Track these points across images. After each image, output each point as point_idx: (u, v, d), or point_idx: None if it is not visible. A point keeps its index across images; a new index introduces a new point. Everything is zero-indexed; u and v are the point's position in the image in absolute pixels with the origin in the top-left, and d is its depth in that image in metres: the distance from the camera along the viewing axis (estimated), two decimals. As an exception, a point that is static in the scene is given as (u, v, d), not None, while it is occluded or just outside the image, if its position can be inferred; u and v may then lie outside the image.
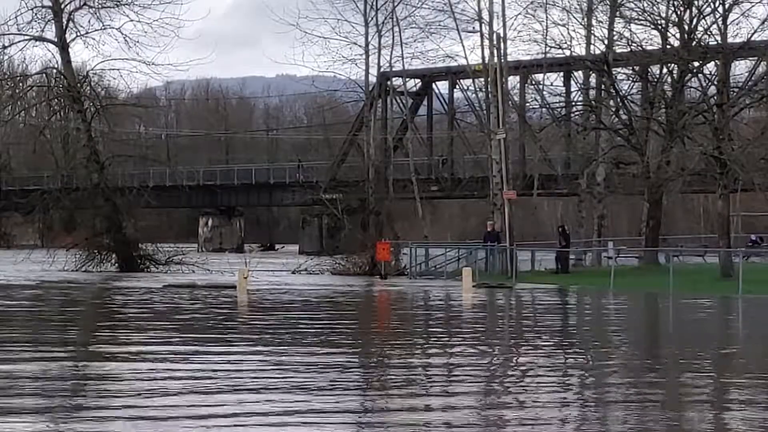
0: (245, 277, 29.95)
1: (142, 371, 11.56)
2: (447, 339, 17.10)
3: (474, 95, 59.53)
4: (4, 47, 46.44)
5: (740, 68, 45.72)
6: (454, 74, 65.84)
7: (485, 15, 45.77)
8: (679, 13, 39.52)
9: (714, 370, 13.75)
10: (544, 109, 52.90)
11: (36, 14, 44.62)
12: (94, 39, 46.50)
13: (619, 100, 42.09)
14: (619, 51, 43.48)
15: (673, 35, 40.11)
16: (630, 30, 42.01)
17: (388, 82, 65.81)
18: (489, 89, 45.79)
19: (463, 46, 72.48)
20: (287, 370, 11.61)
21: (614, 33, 43.74)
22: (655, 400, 10.76)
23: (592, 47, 46.11)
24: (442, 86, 73.37)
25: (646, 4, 40.90)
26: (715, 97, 38.10)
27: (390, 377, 11.50)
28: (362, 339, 16.42)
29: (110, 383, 10.68)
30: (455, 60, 53.14)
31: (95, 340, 15.35)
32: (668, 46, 40.36)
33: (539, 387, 11.34)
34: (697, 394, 11.44)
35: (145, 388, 10.36)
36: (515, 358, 14.47)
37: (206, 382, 10.81)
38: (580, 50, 46.45)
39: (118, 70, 55.70)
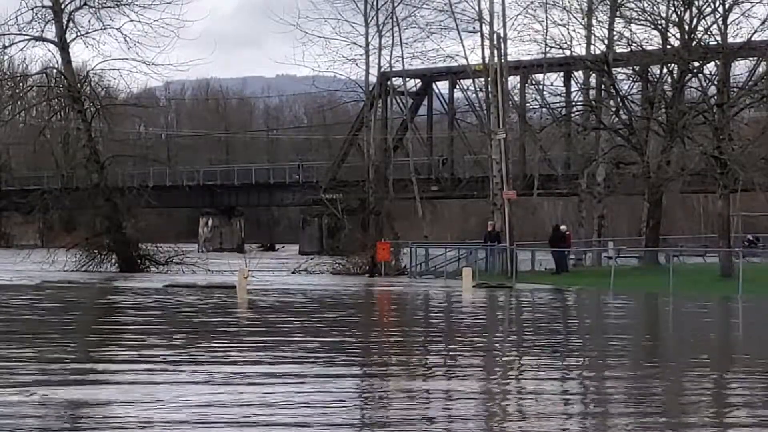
0: (245, 278, 29.92)
1: (148, 395, 10.58)
2: (448, 351, 16.86)
3: (474, 95, 59.60)
4: (5, 47, 46.45)
5: (740, 68, 45.80)
6: (454, 74, 65.82)
7: (485, 15, 45.84)
8: (679, 13, 39.51)
9: (717, 372, 13.74)
10: (544, 109, 52.91)
11: (36, 14, 44.65)
12: (94, 39, 46.53)
13: (619, 100, 42.07)
14: (619, 51, 43.47)
15: (674, 35, 40.13)
16: (630, 30, 42.05)
17: (389, 82, 65.79)
18: (489, 89, 45.80)
19: (464, 46, 72.31)
20: (288, 404, 10.35)
21: (614, 33, 43.75)
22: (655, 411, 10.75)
23: (592, 47, 46.13)
24: (442, 86, 73.38)
25: (646, 4, 40.94)
26: (716, 97, 38.09)
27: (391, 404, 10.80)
28: (362, 350, 15.83)
29: (114, 412, 9.79)
30: (455, 60, 53.16)
31: (98, 355, 14.46)
32: (668, 46, 40.35)
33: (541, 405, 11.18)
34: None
35: (150, 419, 9.48)
36: (516, 371, 14.38)
37: (217, 411, 9.86)
38: (580, 50, 46.50)
39: (118, 70, 55.78)
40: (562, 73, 57.09)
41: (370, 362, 14.22)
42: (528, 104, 56.74)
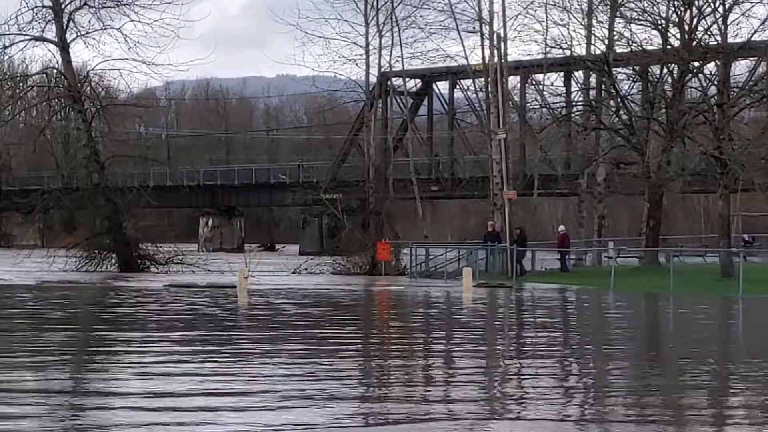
0: (246, 278, 29.91)
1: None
2: (449, 361, 16.77)
3: (474, 95, 59.63)
4: (5, 47, 46.43)
5: (740, 68, 45.84)
6: (454, 74, 65.81)
7: (485, 15, 45.89)
8: (679, 13, 39.52)
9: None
10: (544, 109, 52.93)
11: (36, 14, 44.63)
12: (94, 39, 46.52)
13: (619, 100, 42.09)
14: (619, 51, 43.49)
15: (674, 35, 40.14)
16: (630, 30, 42.09)
17: (389, 82, 65.81)
18: (489, 89, 45.80)
19: (464, 47, 72.29)
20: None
21: (614, 33, 43.78)
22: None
23: (592, 47, 46.17)
24: (442, 86, 73.36)
25: (646, 4, 40.95)
26: (716, 97, 38.10)
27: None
28: (363, 359, 14.87)
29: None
30: (455, 60, 53.16)
31: (98, 371, 12.86)
32: (668, 46, 40.37)
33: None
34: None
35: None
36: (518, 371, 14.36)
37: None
38: (580, 50, 46.54)
39: (118, 70, 55.65)
40: (562, 73, 57.11)
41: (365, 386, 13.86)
42: (528, 104, 56.76)
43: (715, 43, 38.42)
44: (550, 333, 19.47)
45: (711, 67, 39.68)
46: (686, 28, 39.01)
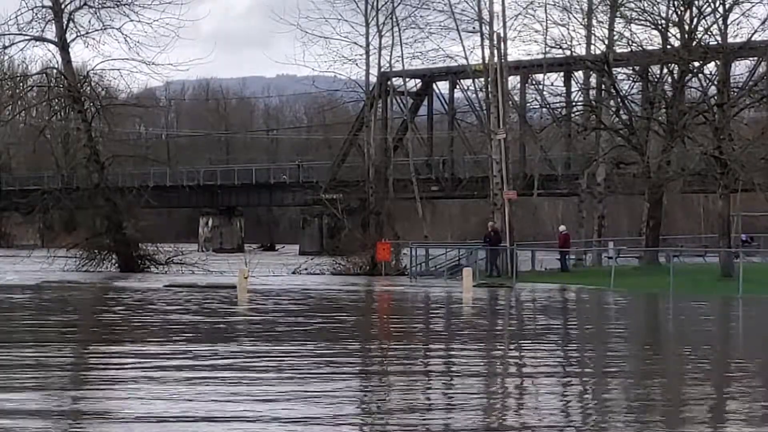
0: (245, 278, 29.90)
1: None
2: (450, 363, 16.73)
3: (474, 95, 59.61)
4: (5, 47, 46.41)
5: (740, 68, 45.86)
6: (454, 74, 65.80)
7: (485, 15, 45.85)
8: (679, 13, 39.54)
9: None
10: (544, 109, 52.90)
11: (36, 14, 44.60)
12: (94, 39, 46.43)
13: (619, 100, 42.09)
14: (619, 51, 43.50)
15: (674, 35, 40.16)
16: (630, 30, 42.12)
17: (389, 82, 65.78)
18: (489, 89, 45.78)
19: (464, 47, 72.06)
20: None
21: (614, 33, 43.79)
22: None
23: (592, 47, 46.18)
24: (442, 86, 73.33)
25: (646, 4, 40.98)
26: (716, 97, 38.12)
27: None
28: (362, 367, 14.29)
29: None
30: (455, 60, 53.15)
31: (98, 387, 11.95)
32: (668, 46, 40.38)
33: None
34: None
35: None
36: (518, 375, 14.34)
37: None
38: (580, 50, 46.54)
39: (118, 70, 55.44)
40: (562, 73, 57.09)
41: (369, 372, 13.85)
42: (528, 104, 56.76)
43: (715, 43, 38.44)
44: (553, 337, 19.47)
45: (711, 67, 39.71)
46: (686, 28, 39.03)
